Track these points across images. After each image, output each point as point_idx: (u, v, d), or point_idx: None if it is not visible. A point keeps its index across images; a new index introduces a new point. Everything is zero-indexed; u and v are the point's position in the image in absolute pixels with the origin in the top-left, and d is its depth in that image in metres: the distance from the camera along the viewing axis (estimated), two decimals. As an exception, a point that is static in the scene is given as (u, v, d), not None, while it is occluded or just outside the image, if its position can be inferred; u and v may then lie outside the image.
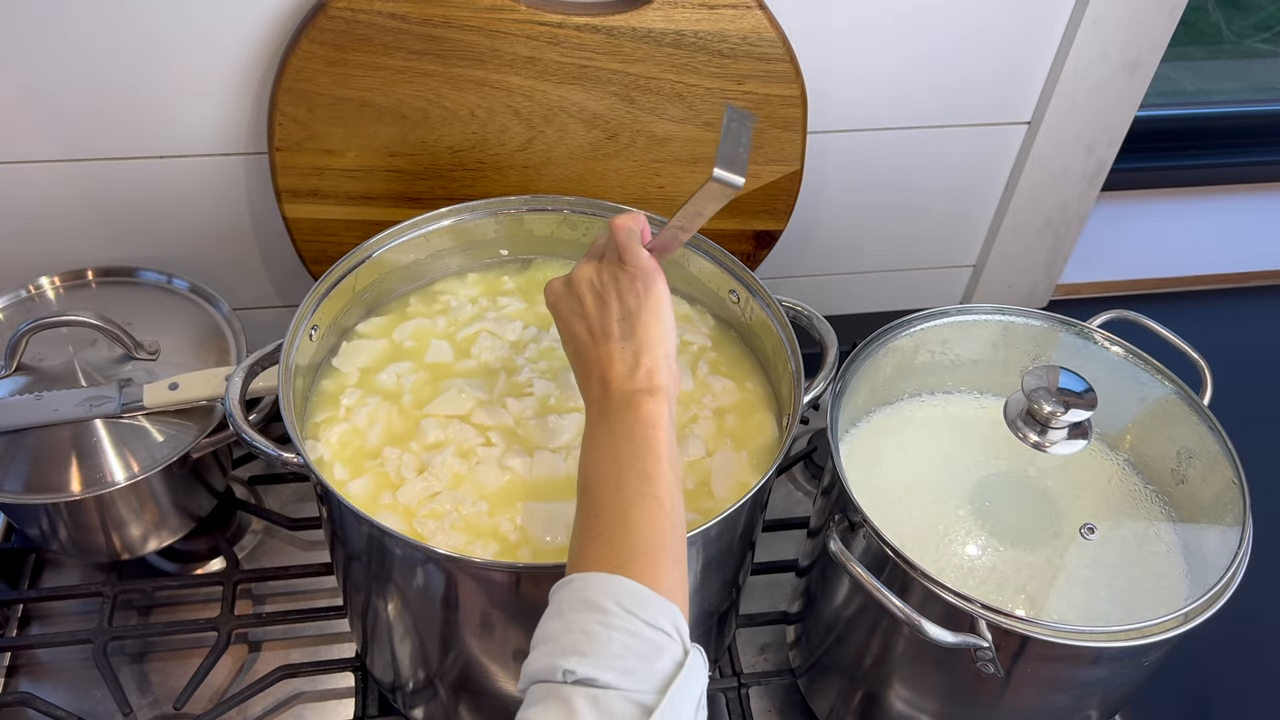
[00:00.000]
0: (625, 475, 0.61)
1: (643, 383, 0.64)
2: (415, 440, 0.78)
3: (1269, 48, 1.47)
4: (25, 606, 0.94)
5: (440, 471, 0.75)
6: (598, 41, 0.88)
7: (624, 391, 0.64)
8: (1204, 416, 0.80)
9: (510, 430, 0.79)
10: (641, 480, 0.61)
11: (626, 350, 0.65)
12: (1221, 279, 1.31)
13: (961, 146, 1.06)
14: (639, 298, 0.66)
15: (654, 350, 0.65)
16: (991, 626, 0.68)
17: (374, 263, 0.83)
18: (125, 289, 0.95)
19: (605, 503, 0.61)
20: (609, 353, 0.66)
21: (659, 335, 0.66)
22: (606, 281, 0.67)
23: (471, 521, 0.73)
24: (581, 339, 0.67)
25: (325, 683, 0.90)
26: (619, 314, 0.66)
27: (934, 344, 0.86)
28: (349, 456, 0.77)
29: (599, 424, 0.64)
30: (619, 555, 0.58)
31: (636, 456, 0.62)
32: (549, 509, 0.74)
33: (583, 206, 0.88)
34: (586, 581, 0.57)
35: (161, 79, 0.87)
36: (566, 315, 0.69)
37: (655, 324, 0.66)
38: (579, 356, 0.68)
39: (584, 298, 0.68)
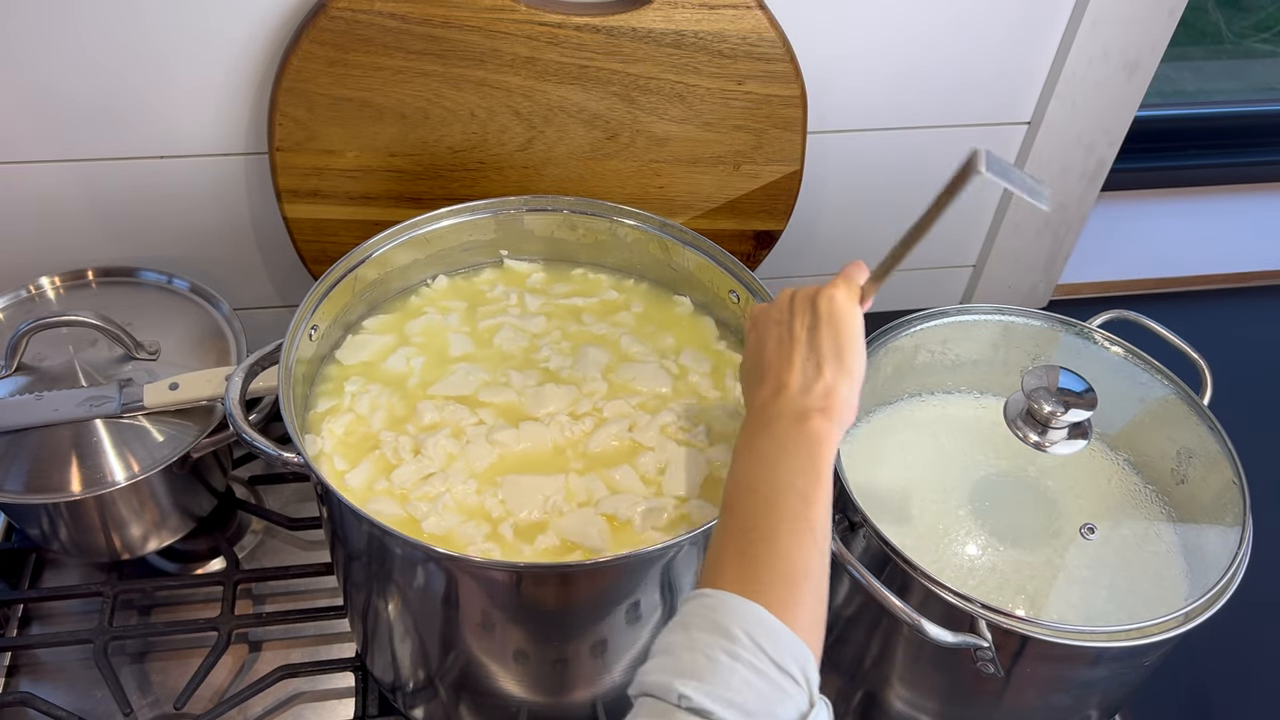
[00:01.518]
0: (781, 492, 0.58)
1: (818, 400, 0.62)
2: (412, 423, 0.78)
3: (1269, 48, 1.47)
4: (25, 606, 0.94)
5: (434, 453, 0.75)
6: (598, 41, 0.88)
7: (797, 402, 0.62)
8: (1204, 416, 0.80)
9: (508, 405, 0.79)
10: (798, 501, 0.58)
11: (810, 361, 0.63)
12: (1221, 279, 1.31)
13: (961, 146, 1.05)
14: (834, 312, 0.64)
15: (837, 369, 0.63)
16: (991, 626, 0.68)
17: (374, 262, 0.83)
18: (125, 289, 0.95)
19: (754, 518, 0.58)
20: (791, 359, 0.64)
21: (849, 357, 0.63)
22: (806, 294, 0.66)
23: (462, 501, 0.73)
24: (770, 343, 0.66)
25: (325, 683, 0.90)
26: (810, 321, 0.64)
27: (934, 344, 0.86)
28: (351, 445, 0.77)
29: (761, 429, 0.62)
30: (759, 579, 0.55)
31: (797, 474, 0.59)
32: (531, 483, 0.74)
33: (583, 206, 0.88)
34: (720, 601, 0.54)
35: (162, 79, 0.87)
36: (763, 323, 0.68)
37: (848, 349, 0.64)
38: (758, 360, 0.66)
39: (783, 307, 0.67)
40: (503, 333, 0.85)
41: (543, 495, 0.73)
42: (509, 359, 0.84)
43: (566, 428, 0.78)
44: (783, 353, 0.64)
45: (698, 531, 0.66)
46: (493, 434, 0.77)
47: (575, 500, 0.74)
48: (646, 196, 0.98)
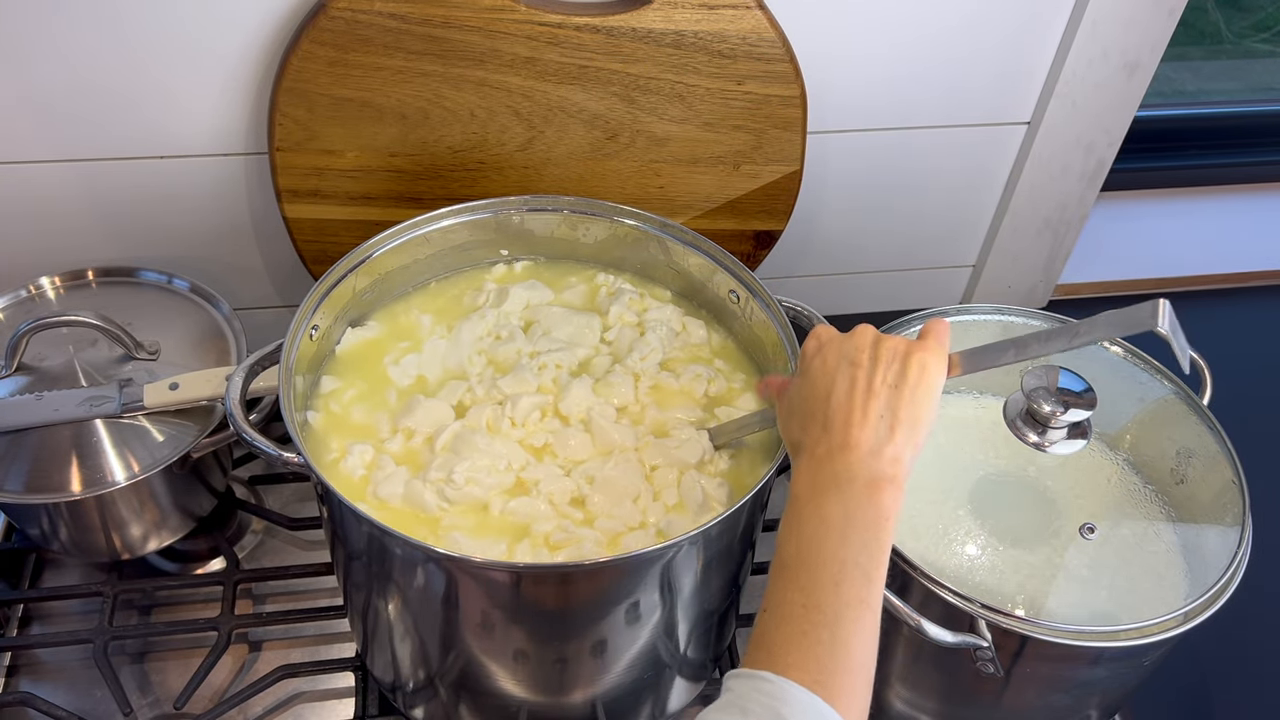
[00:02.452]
0: (848, 571, 0.57)
1: (888, 466, 0.59)
2: (411, 422, 0.79)
3: (1269, 48, 1.47)
4: (25, 606, 0.94)
5: (430, 451, 0.76)
6: (598, 42, 0.88)
7: (869, 466, 0.59)
8: (1203, 416, 0.80)
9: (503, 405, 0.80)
10: (864, 583, 0.56)
11: (884, 421, 0.60)
12: (1221, 279, 1.31)
13: (961, 147, 1.07)
14: (921, 372, 0.61)
15: (911, 434, 0.60)
16: (991, 626, 0.68)
17: (374, 263, 0.83)
18: (125, 289, 0.95)
19: (820, 596, 0.56)
20: (865, 411, 0.60)
21: (922, 420, 0.61)
22: (890, 346, 0.63)
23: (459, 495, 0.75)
24: (840, 387, 0.62)
25: (325, 683, 0.90)
26: (893, 379, 0.61)
27: (934, 344, 0.86)
28: (346, 437, 0.78)
29: (831, 490, 0.59)
30: (824, 669, 0.54)
31: (865, 552, 0.57)
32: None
33: (583, 206, 0.88)
34: (782, 690, 0.53)
35: (162, 79, 0.87)
36: (833, 360, 0.63)
37: (925, 411, 0.61)
38: (822, 399, 0.62)
39: (864, 348, 0.63)
40: (502, 333, 0.85)
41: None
42: (508, 361, 0.84)
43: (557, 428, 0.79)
44: (855, 401, 0.61)
45: (697, 532, 0.66)
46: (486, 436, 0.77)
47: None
48: (646, 196, 0.98)
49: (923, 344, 0.63)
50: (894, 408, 0.61)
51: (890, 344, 0.63)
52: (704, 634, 0.80)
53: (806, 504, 0.60)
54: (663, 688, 0.82)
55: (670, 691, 0.83)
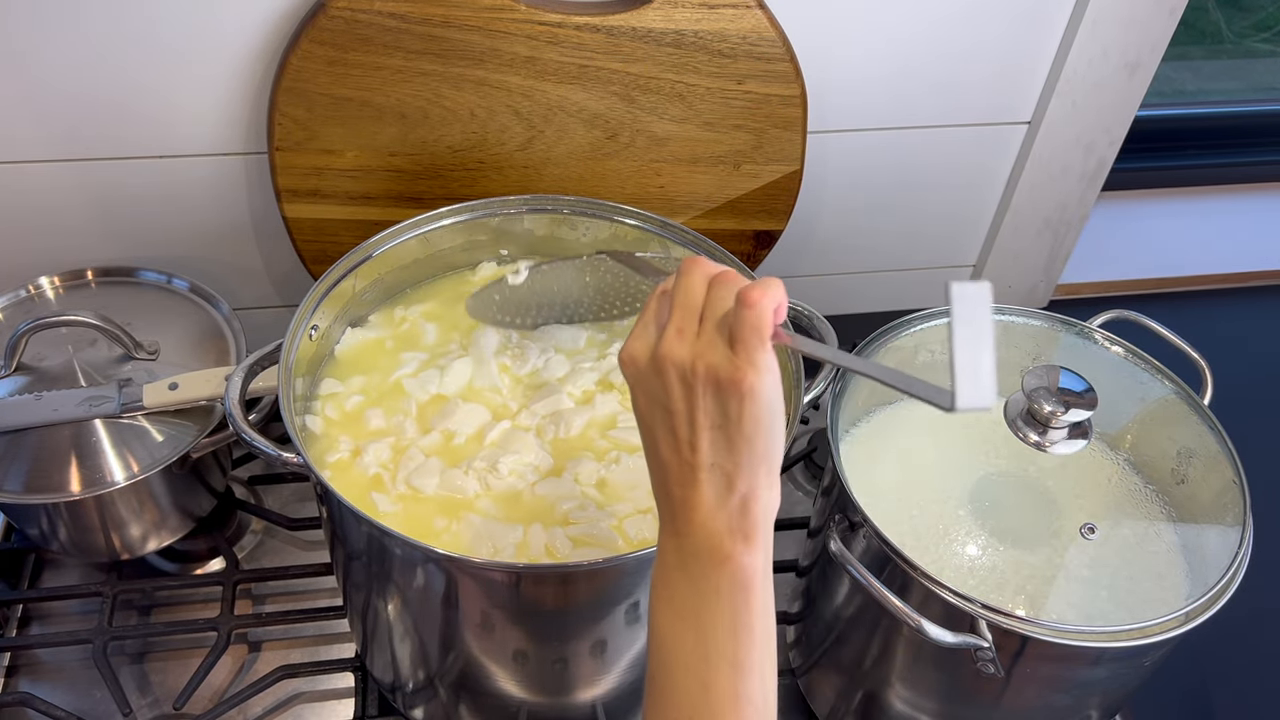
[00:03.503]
0: (715, 667, 0.51)
1: (734, 518, 0.52)
2: (408, 421, 0.79)
3: (1269, 48, 1.47)
4: (25, 606, 0.94)
5: (425, 449, 0.77)
6: (598, 41, 0.88)
7: (709, 530, 0.52)
8: (1204, 416, 0.79)
9: (500, 407, 0.80)
10: (735, 674, 0.51)
11: (716, 472, 0.52)
12: (1221, 279, 1.31)
13: (961, 146, 1.06)
14: (743, 403, 0.51)
15: (753, 471, 0.52)
16: (992, 626, 0.68)
17: (374, 263, 0.83)
18: (125, 289, 0.95)
19: (690, 705, 0.51)
20: (694, 469, 0.52)
21: (763, 450, 0.52)
22: (703, 375, 0.52)
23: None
24: (661, 441, 0.54)
25: (325, 683, 0.90)
26: (713, 420, 0.52)
27: (934, 344, 0.86)
28: (347, 432, 0.78)
29: (675, 569, 0.53)
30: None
31: (728, 639, 0.51)
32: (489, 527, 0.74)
33: (583, 206, 0.88)
34: None
35: (161, 79, 0.87)
36: (645, 404, 0.55)
37: (759, 436, 0.52)
38: (655, 460, 0.55)
39: (672, 388, 0.53)
40: (499, 334, 0.85)
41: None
42: (506, 361, 0.84)
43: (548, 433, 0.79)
44: (682, 459, 0.53)
45: (698, 531, 0.66)
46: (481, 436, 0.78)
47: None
48: (646, 196, 0.98)
49: (738, 360, 0.52)
50: (724, 452, 0.52)
51: (702, 371, 0.52)
52: (704, 634, 0.80)
53: (661, 591, 0.54)
54: (663, 688, 0.82)
55: (670, 692, 0.83)
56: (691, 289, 0.55)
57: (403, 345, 0.85)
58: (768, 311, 0.52)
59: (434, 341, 0.86)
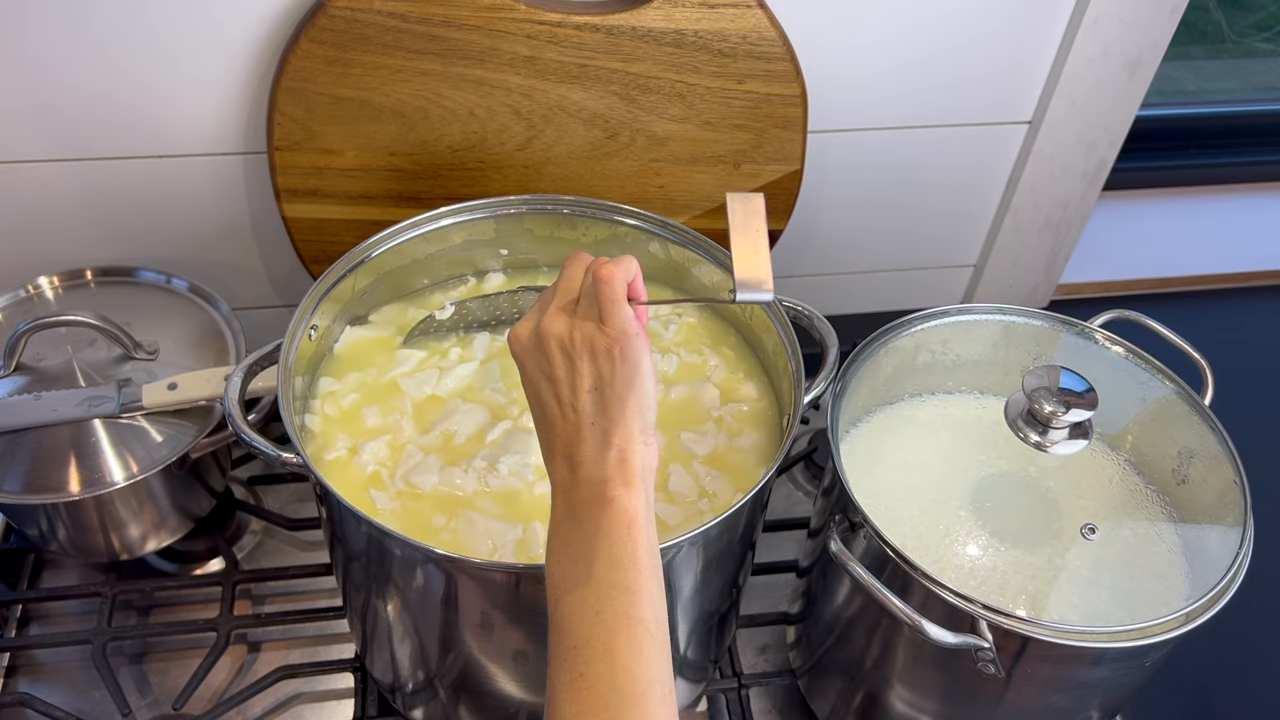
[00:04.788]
0: (605, 593, 0.54)
1: (614, 468, 0.56)
2: (407, 421, 0.79)
3: (1269, 47, 1.47)
4: (24, 607, 0.94)
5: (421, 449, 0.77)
6: (597, 41, 0.88)
7: (593, 479, 0.57)
8: (1205, 416, 0.79)
9: (497, 407, 0.80)
10: (626, 600, 0.54)
11: (596, 428, 0.57)
12: (1222, 279, 1.31)
13: (962, 146, 1.06)
14: (614, 364, 0.58)
15: (628, 426, 0.57)
16: (992, 627, 0.68)
17: (373, 262, 0.83)
18: (124, 289, 0.95)
19: (584, 630, 0.54)
20: (577, 428, 0.58)
21: (635, 408, 0.58)
22: (579, 343, 0.59)
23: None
24: (548, 406, 0.60)
25: (325, 683, 0.90)
26: (591, 383, 0.58)
27: (934, 344, 0.86)
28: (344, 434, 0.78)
29: (566, 519, 0.57)
30: (608, 705, 0.51)
31: (616, 568, 0.54)
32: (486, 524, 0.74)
33: (583, 206, 0.88)
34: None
35: (160, 78, 0.87)
36: (533, 375, 0.61)
37: (631, 395, 0.58)
38: (544, 426, 0.60)
39: (553, 357, 0.59)
40: (499, 335, 0.85)
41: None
42: (476, 391, 0.84)
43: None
44: (567, 422, 0.58)
45: (697, 532, 0.65)
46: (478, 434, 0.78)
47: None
48: (646, 196, 0.98)
49: (606, 334, 0.58)
50: (601, 411, 0.58)
51: (579, 343, 0.59)
52: (704, 635, 0.80)
53: (554, 542, 0.58)
54: (663, 688, 0.81)
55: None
56: (571, 276, 0.62)
57: (400, 343, 0.85)
58: (619, 283, 0.59)
59: (431, 343, 0.86)
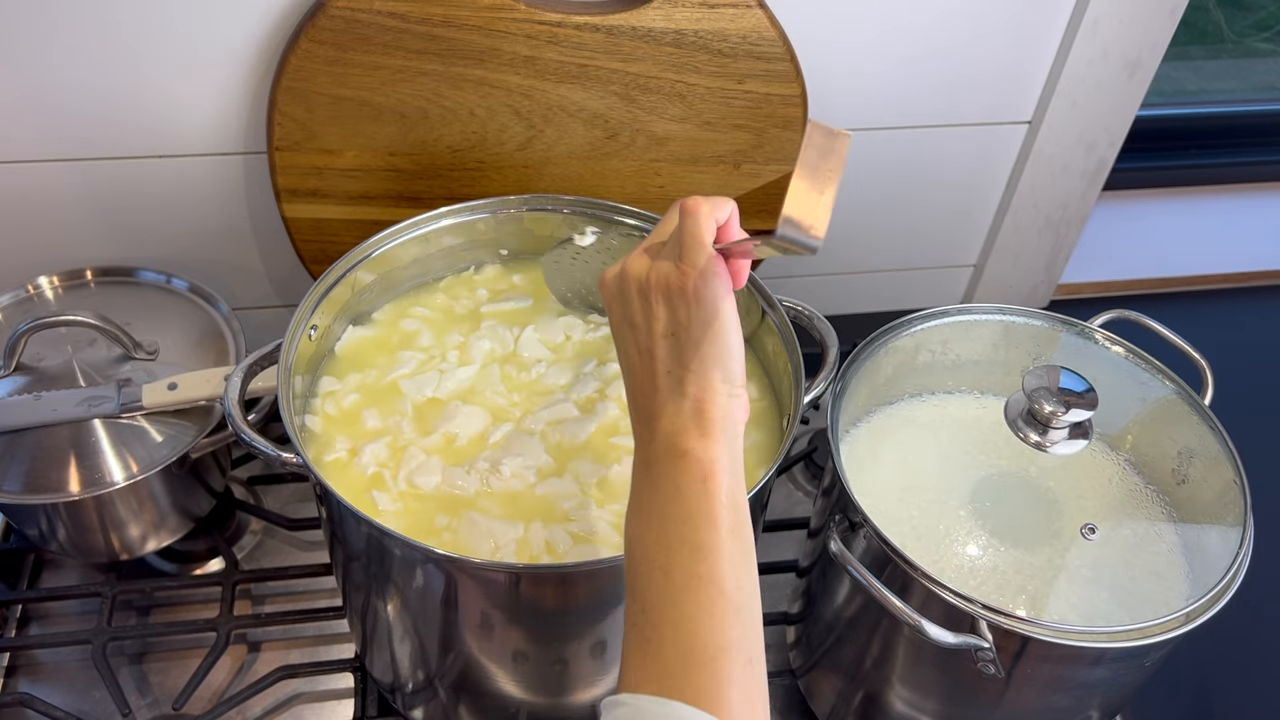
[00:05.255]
0: (675, 553, 0.50)
1: (689, 418, 0.52)
2: (404, 420, 0.79)
3: (1269, 47, 1.47)
4: (24, 607, 0.94)
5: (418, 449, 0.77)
6: (597, 41, 0.88)
7: (667, 432, 0.53)
8: (1205, 416, 0.79)
9: (498, 409, 0.80)
10: (696, 558, 0.50)
11: (671, 375, 0.53)
12: (1222, 279, 1.31)
13: (962, 146, 1.06)
14: (689, 306, 0.53)
15: (706, 375, 0.53)
16: (992, 627, 0.68)
17: (373, 262, 0.83)
18: (124, 289, 0.95)
19: (653, 593, 0.51)
20: (652, 376, 0.54)
21: (714, 355, 0.53)
22: (655, 283, 0.54)
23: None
24: (630, 356, 0.56)
25: (325, 683, 0.90)
26: (665, 327, 0.54)
27: (934, 344, 0.86)
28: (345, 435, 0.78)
29: (642, 479, 0.54)
30: (671, 672, 0.48)
31: (686, 524, 0.51)
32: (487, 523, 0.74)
33: (583, 206, 0.88)
34: (638, 710, 0.48)
35: (161, 78, 0.87)
36: (617, 322, 0.57)
37: (707, 340, 0.53)
38: (628, 379, 0.57)
39: (630, 301, 0.56)
40: (498, 335, 0.85)
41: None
42: (510, 370, 0.84)
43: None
44: (644, 371, 0.55)
45: (698, 532, 0.65)
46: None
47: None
48: (646, 196, 0.98)
49: (681, 272, 0.54)
50: (676, 358, 0.54)
51: (655, 285, 0.55)
52: (704, 635, 0.80)
53: (631, 507, 0.55)
54: (663, 688, 0.81)
55: (670, 692, 0.83)
56: (669, 219, 0.58)
57: (405, 344, 0.85)
58: (705, 218, 0.54)
59: (430, 343, 0.86)
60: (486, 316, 0.88)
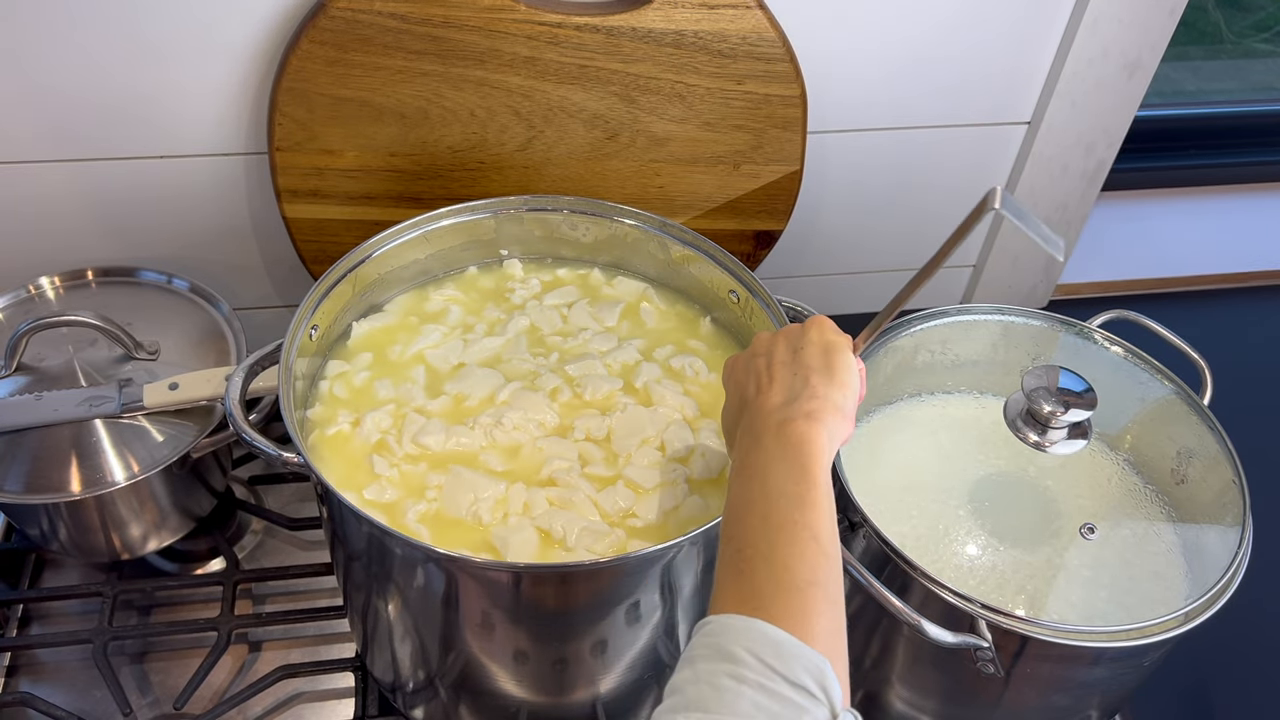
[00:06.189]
0: (774, 502, 0.55)
1: (800, 410, 0.58)
2: (403, 418, 0.79)
3: (1269, 48, 1.47)
4: (25, 606, 0.94)
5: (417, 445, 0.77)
6: (598, 41, 0.88)
7: (779, 416, 0.59)
8: (1204, 416, 0.80)
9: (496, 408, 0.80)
10: (793, 507, 0.54)
11: (797, 377, 0.61)
12: (1221, 279, 1.31)
13: (961, 146, 1.06)
14: (819, 331, 0.63)
15: (827, 379, 0.60)
16: (991, 626, 0.68)
17: (374, 263, 0.83)
18: (125, 289, 0.95)
19: (750, 535, 0.54)
20: (773, 378, 0.61)
21: (840, 372, 0.61)
22: (790, 328, 0.65)
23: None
24: (749, 380, 0.63)
25: (325, 683, 0.90)
26: (798, 344, 0.63)
27: (934, 344, 0.86)
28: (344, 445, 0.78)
29: (750, 448, 0.59)
30: (759, 594, 0.52)
31: (789, 480, 0.55)
32: (471, 478, 0.74)
33: (583, 206, 0.88)
34: (720, 626, 0.51)
35: (162, 79, 0.87)
36: (741, 368, 0.65)
37: (838, 360, 0.62)
38: (740, 398, 0.63)
39: (759, 344, 0.65)
40: (497, 335, 0.85)
41: (475, 494, 0.74)
42: (503, 361, 0.84)
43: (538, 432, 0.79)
44: (763, 375, 0.62)
45: (698, 532, 0.66)
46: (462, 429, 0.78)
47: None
48: (646, 196, 0.98)
49: (814, 322, 0.65)
50: (802, 364, 0.61)
51: (786, 328, 0.66)
52: (704, 634, 0.80)
53: (735, 474, 0.59)
54: (663, 688, 0.81)
55: (670, 692, 0.83)
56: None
57: (430, 319, 0.87)
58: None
59: (459, 319, 0.88)
60: (479, 317, 0.88)
